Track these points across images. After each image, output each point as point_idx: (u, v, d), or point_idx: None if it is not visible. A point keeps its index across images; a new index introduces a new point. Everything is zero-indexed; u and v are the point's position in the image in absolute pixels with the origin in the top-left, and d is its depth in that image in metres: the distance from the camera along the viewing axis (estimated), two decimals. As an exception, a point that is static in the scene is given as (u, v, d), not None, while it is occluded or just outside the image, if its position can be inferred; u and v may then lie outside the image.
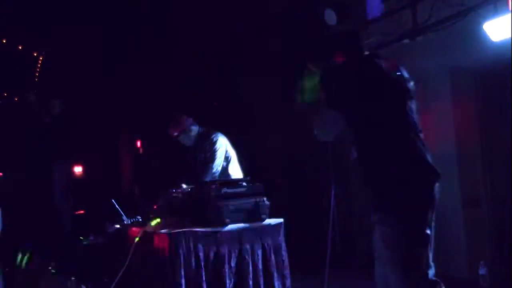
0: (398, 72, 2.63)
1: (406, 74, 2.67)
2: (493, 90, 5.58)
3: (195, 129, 4.55)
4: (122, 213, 4.05)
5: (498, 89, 5.44)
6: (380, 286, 2.64)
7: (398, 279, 2.47)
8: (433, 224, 2.53)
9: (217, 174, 4.36)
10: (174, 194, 3.78)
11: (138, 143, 11.73)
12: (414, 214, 2.47)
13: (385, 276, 2.56)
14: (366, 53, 2.75)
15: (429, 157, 2.57)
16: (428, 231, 2.49)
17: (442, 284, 2.52)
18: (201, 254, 3.32)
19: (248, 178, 3.97)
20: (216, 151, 4.38)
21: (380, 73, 2.56)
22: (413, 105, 2.61)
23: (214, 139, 4.43)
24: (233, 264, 3.43)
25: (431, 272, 2.52)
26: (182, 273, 3.22)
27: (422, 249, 2.47)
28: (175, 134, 4.55)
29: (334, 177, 4.92)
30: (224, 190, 3.53)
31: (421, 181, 2.52)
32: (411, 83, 2.66)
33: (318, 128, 2.64)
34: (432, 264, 2.54)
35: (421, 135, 2.62)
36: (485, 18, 4.47)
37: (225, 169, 4.47)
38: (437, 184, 2.54)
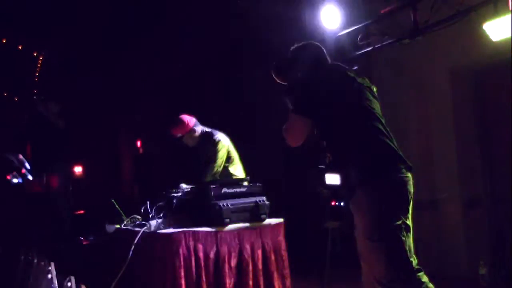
0: (359, 78, 2.84)
1: (367, 80, 2.89)
2: (493, 90, 5.58)
3: (198, 130, 4.53)
4: (122, 213, 4.04)
5: (498, 89, 5.44)
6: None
7: (382, 267, 2.52)
8: (409, 215, 2.61)
9: (217, 174, 4.35)
10: (174, 194, 3.77)
11: (138, 143, 11.72)
12: (383, 199, 2.55)
13: (369, 277, 2.62)
14: (329, 62, 2.97)
15: (396, 149, 2.68)
16: (406, 220, 2.57)
17: (423, 271, 2.58)
18: (201, 254, 3.31)
19: (248, 178, 3.97)
20: (218, 151, 4.38)
21: (339, 79, 2.79)
22: (374, 104, 2.78)
23: (216, 140, 4.43)
24: (233, 264, 3.43)
25: (414, 262, 2.57)
26: (182, 273, 3.22)
27: (401, 236, 2.53)
28: (179, 135, 4.54)
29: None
30: (224, 190, 3.53)
31: (386, 167, 2.62)
32: (374, 88, 2.88)
33: (287, 134, 2.83)
34: (414, 255, 2.59)
35: (389, 133, 2.74)
36: (485, 18, 4.47)
37: (226, 169, 4.46)
38: (408, 174, 2.63)
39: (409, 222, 2.60)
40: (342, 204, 4.31)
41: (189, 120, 4.54)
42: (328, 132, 2.77)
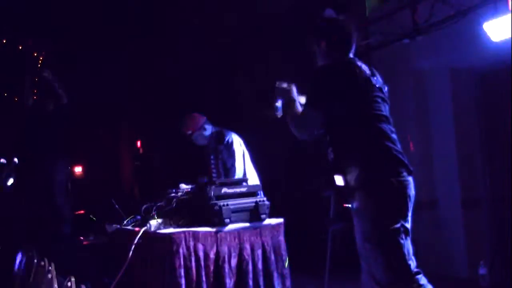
0: (373, 76, 2.78)
1: (380, 80, 2.82)
2: (493, 90, 5.58)
3: (208, 128, 4.51)
4: (122, 213, 4.04)
5: (498, 89, 5.44)
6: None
7: (381, 270, 2.53)
8: (409, 218, 2.61)
9: (241, 175, 4.34)
10: (174, 194, 3.77)
11: (138, 143, 11.73)
12: (382, 202, 2.55)
13: (369, 277, 2.62)
14: (350, 56, 2.87)
15: (398, 153, 2.66)
16: (404, 223, 2.57)
17: (422, 273, 2.58)
18: (201, 254, 3.31)
19: (248, 178, 3.96)
20: (234, 153, 4.36)
21: (352, 77, 2.70)
22: (383, 105, 2.74)
23: (230, 141, 4.41)
24: (233, 264, 3.43)
25: (413, 264, 2.57)
26: (182, 273, 3.22)
27: (399, 239, 2.53)
28: (189, 133, 4.51)
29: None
30: (224, 190, 3.53)
31: (386, 170, 2.60)
32: (386, 88, 2.83)
33: (297, 126, 2.79)
34: (413, 257, 2.59)
35: (394, 135, 2.72)
36: (485, 18, 4.47)
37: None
38: (408, 178, 2.62)
39: (408, 225, 2.60)
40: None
41: (200, 118, 4.52)
42: (333, 128, 2.74)
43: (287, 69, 7.14)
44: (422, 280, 2.57)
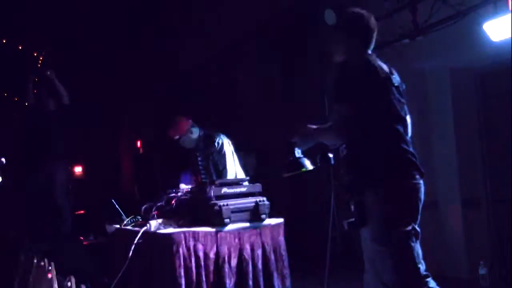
0: (392, 74, 2.72)
1: (398, 78, 2.75)
2: (493, 90, 5.58)
3: (195, 131, 4.49)
4: (122, 213, 4.04)
5: (498, 89, 5.44)
6: None
7: (390, 272, 2.51)
8: (418, 221, 2.62)
9: (233, 176, 4.33)
10: (173, 194, 3.78)
11: (138, 143, 11.73)
12: (396, 204, 2.54)
13: (372, 277, 2.61)
14: (369, 52, 2.80)
15: (412, 155, 2.65)
16: (415, 226, 2.58)
17: (431, 277, 2.57)
18: (201, 254, 3.31)
19: (248, 178, 3.96)
20: (225, 155, 4.36)
21: (371, 76, 2.63)
22: (400, 104, 2.69)
23: (220, 143, 4.40)
24: (233, 264, 3.43)
25: (422, 268, 2.56)
26: (182, 273, 3.22)
27: (410, 242, 2.53)
28: (176, 137, 4.51)
29: (334, 176, 4.91)
30: (224, 190, 3.53)
31: (401, 172, 2.60)
32: (403, 86, 2.76)
33: (335, 132, 2.66)
34: (422, 261, 2.58)
35: (408, 137, 2.69)
36: (485, 18, 4.46)
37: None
38: (420, 181, 2.65)
39: (418, 228, 2.59)
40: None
41: (186, 122, 4.50)
42: (350, 126, 2.63)
43: (288, 69, 7.16)
44: (431, 283, 2.55)
